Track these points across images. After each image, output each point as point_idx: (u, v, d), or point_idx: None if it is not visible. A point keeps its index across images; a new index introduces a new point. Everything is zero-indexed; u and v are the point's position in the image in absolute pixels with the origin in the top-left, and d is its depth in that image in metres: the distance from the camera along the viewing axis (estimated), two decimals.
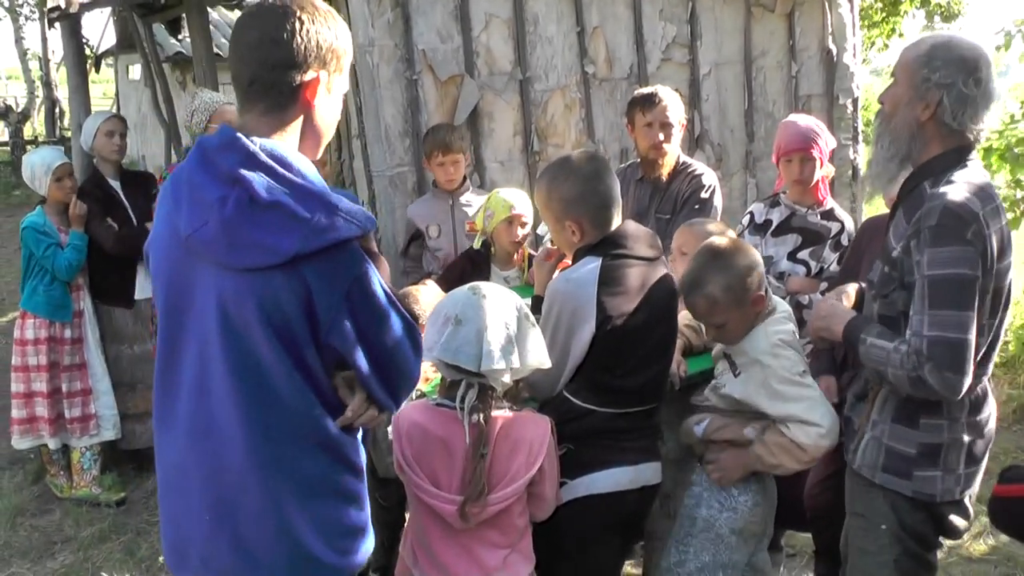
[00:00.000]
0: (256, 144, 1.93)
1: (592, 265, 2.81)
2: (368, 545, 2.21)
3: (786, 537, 4.34)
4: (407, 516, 2.93)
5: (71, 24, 5.90)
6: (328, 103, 2.07)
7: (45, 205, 5.14)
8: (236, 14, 12.35)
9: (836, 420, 2.87)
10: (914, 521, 2.66)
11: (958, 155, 2.57)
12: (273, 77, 1.97)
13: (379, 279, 2.00)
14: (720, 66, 6.30)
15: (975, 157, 2.60)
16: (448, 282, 4.40)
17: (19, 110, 21.18)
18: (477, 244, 4.42)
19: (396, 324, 2.06)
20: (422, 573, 2.65)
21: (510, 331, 2.59)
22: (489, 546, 2.65)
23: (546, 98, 5.84)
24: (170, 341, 2.08)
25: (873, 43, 14.38)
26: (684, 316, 3.56)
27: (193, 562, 2.12)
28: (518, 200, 4.25)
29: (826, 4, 6.52)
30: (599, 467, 2.84)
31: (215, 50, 10.90)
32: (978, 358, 2.51)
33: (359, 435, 2.19)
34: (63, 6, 5.38)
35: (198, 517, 2.09)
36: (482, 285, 2.69)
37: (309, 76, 1.98)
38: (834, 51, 6.63)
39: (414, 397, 2.99)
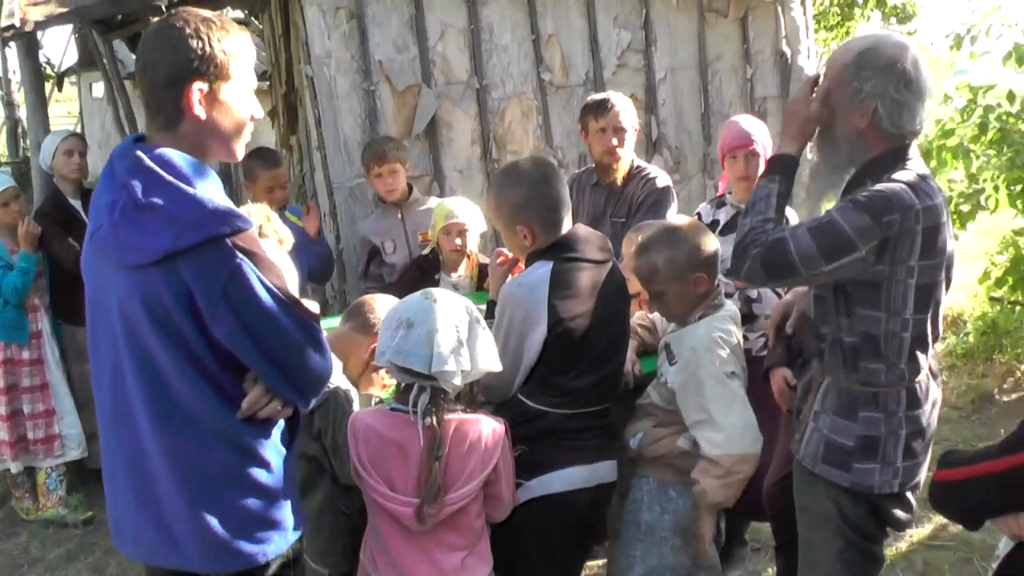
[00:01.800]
0: (147, 152, 2.08)
1: (543, 269, 2.86)
2: (287, 536, 2.29)
3: (751, 531, 4.38)
4: None
5: (27, 43, 5.88)
6: (222, 109, 2.16)
7: None
8: None
9: (751, 428, 2.94)
10: (854, 513, 2.68)
11: (899, 154, 2.61)
12: (157, 97, 2.13)
13: (260, 276, 2.08)
14: (675, 71, 6.38)
15: (915, 155, 2.64)
16: (401, 290, 4.42)
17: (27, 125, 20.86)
18: (427, 251, 4.49)
19: (285, 321, 2.12)
20: None
21: (460, 334, 2.63)
22: (447, 548, 2.67)
23: (503, 106, 5.90)
24: (94, 332, 2.24)
25: (828, 46, 14.54)
26: (639, 316, 3.62)
27: (128, 540, 2.28)
28: (459, 208, 4.33)
29: (779, 8, 6.60)
30: (554, 467, 2.87)
31: None
32: (907, 353, 2.58)
33: (274, 430, 2.25)
34: (17, 25, 5.35)
35: (125, 498, 2.24)
36: (434, 290, 2.72)
37: (187, 88, 2.10)
38: (788, 54, 6.72)
39: (373, 404, 3.03)
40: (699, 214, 4.37)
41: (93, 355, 2.28)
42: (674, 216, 3.55)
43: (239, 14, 10.37)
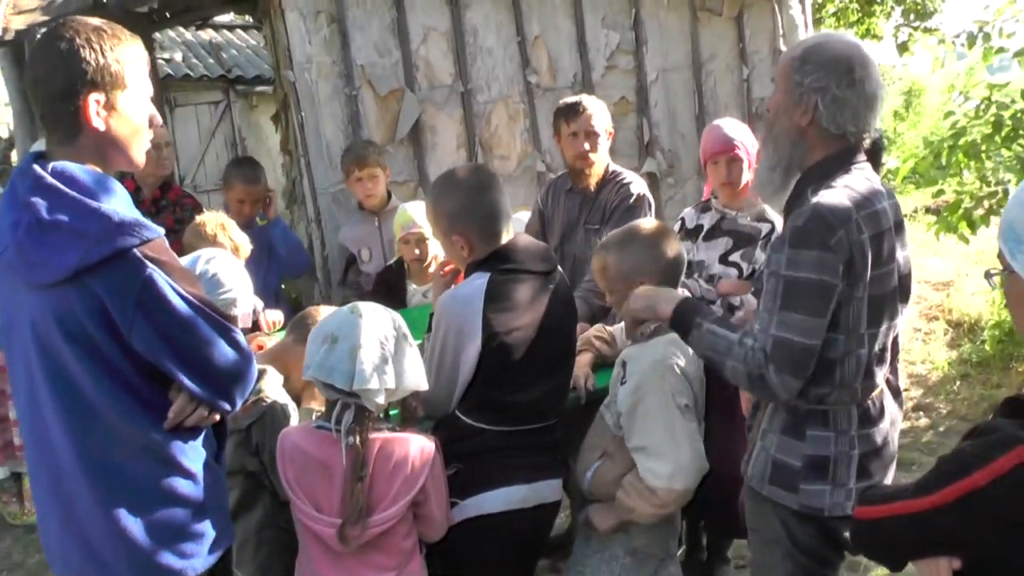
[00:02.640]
0: (48, 168, 2.04)
1: (479, 281, 2.76)
2: (212, 550, 2.25)
3: (734, 548, 4.27)
4: None
5: (13, 51, 5.89)
6: (120, 119, 2.13)
7: None
8: (210, 33, 12.40)
9: (698, 462, 2.84)
10: (804, 536, 2.56)
11: (841, 159, 2.48)
12: (53, 110, 2.09)
13: (172, 284, 2.06)
14: (667, 72, 6.27)
15: (861, 160, 2.52)
16: (375, 301, 4.38)
17: (6, 137, 21.25)
18: (392, 261, 4.41)
19: (202, 325, 2.10)
20: None
21: (386, 351, 2.56)
22: (375, 569, 2.60)
23: (489, 109, 5.83)
24: (9, 353, 2.20)
25: None
26: (596, 328, 3.52)
27: (58, 560, 2.25)
28: (419, 216, 4.15)
29: (776, 5, 6.48)
30: (490, 486, 2.78)
31: (187, 71, 10.98)
32: (863, 369, 2.44)
33: (198, 441, 2.22)
34: (0, 33, 5.35)
35: (50, 519, 2.22)
36: (361, 305, 2.65)
37: (83, 100, 2.06)
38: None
39: (314, 418, 2.96)
40: (683, 219, 4.27)
41: (11, 377, 2.25)
42: (643, 220, 3.44)
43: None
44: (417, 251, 4.21)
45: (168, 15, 7.20)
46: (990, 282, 2.01)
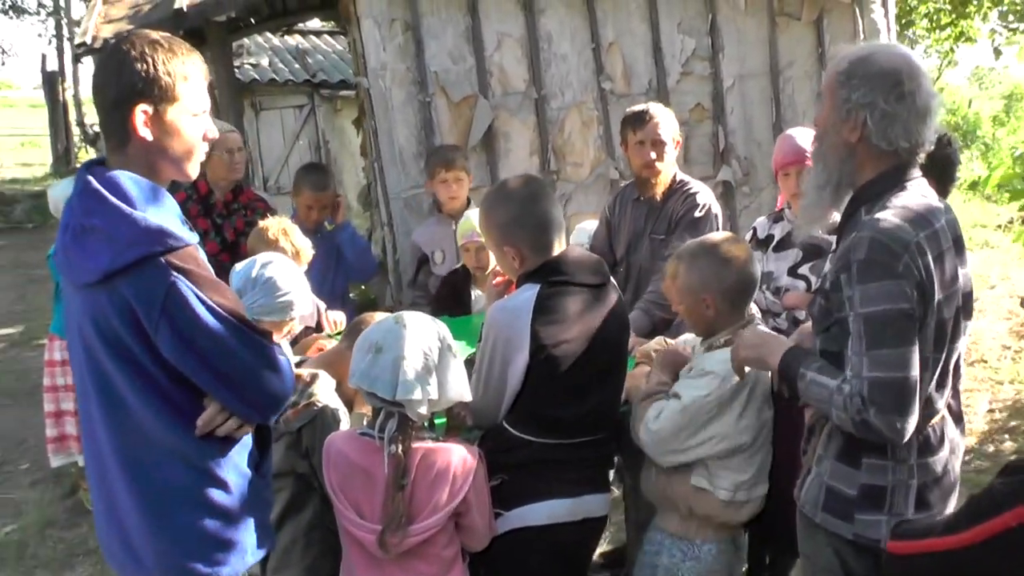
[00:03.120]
0: (96, 175, 2.12)
1: (528, 293, 2.76)
2: (244, 559, 2.29)
3: (797, 568, 4.19)
4: None
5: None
6: (167, 131, 2.17)
7: None
8: (296, 38, 12.65)
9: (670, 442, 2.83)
10: (859, 566, 2.46)
11: (894, 177, 2.39)
12: (107, 118, 2.16)
13: (199, 294, 2.09)
14: (744, 78, 6.18)
15: (916, 176, 2.42)
16: (438, 305, 4.41)
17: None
18: (459, 265, 4.43)
19: (229, 338, 2.13)
20: None
21: (429, 361, 2.57)
22: (416, 574, 2.62)
23: (562, 116, 5.83)
24: (70, 348, 2.30)
25: (940, 47, 13.89)
26: (656, 341, 3.48)
27: (105, 550, 2.35)
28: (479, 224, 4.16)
29: (857, 9, 6.32)
30: (535, 498, 2.77)
31: (272, 75, 11.21)
32: (924, 395, 2.33)
33: (234, 450, 2.26)
34: (88, 42, 5.54)
35: (99, 509, 2.32)
36: (406, 315, 2.67)
37: (131, 110, 2.12)
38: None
39: (364, 423, 3.00)
40: (755, 228, 4.22)
41: (73, 374, 2.36)
42: (721, 234, 3.34)
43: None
44: (476, 259, 4.21)
45: (253, 21, 7.38)
46: None
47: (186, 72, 2.18)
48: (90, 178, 2.12)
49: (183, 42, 2.23)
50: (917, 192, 2.39)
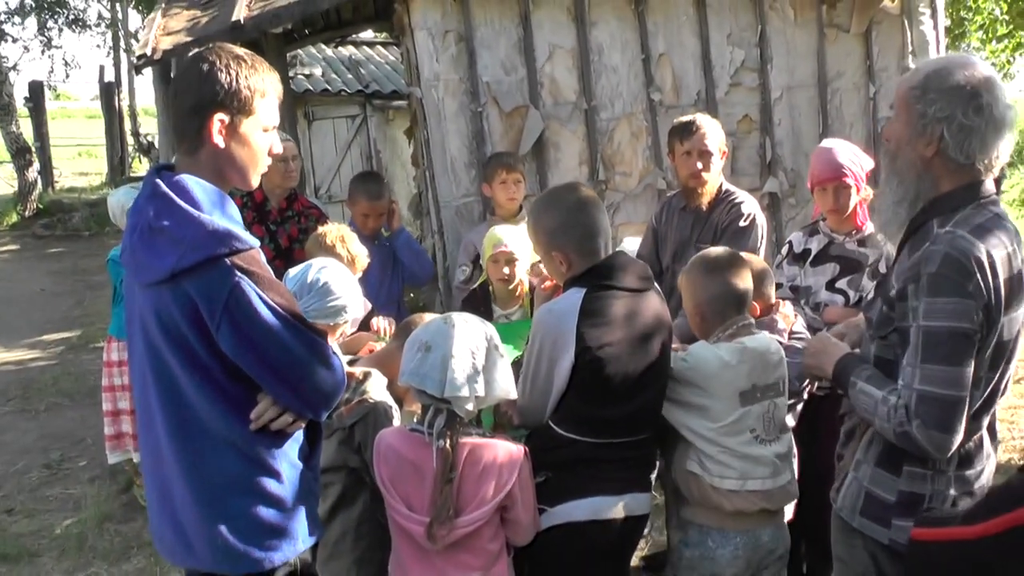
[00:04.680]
0: (165, 179, 2.24)
1: (575, 297, 2.84)
2: (295, 546, 2.39)
3: None
4: None
5: (160, 70, 6.25)
6: (239, 141, 2.31)
7: None
8: (350, 49, 12.83)
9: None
10: (894, 572, 2.49)
11: (970, 191, 2.37)
12: (183, 123, 2.29)
13: (261, 294, 2.20)
14: (792, 89, 6.20)
15: (992, 194, 2.41)
16: None
17: (158, 147, 22.47)
18: (476, 285, 4.44)
19: (287, 336, 2.23)
20: None
21: (476, 360, 2.67)
22: (462, 568, 2.70)
23: (612, 126, 5.89)
24: (131, 344, 2.42)
25: (998, 58, 13.66)
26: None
27: (156, 538, 2.48)
28: (508, 237, 4.18)
29: (906, 21, 6.31)
30: (580, 495, 2.85)
31: (325, 86, 11.38)
32: (972, 412, 2.35)
33: (288, 443, 2.37)
34: (148, 53, 5.70)
35: (152, 500, 2.43)
36: (454, 315, 2.78)
37: (209, 118, 2.25)
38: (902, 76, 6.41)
39: (415, 420, 3.08)
40: (791, 242, 4.25)
41: (130, 367, 2.49)
42: (718, 249, 3.41)
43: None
44: (506, 270, 4.19)
45: (308, 32, 7.54)
46: None
47: (265, 89, 2.32)
48: (159, 182, 2.24)
49: (263, 60, 2.37)
50: (993, 213, 2.37)
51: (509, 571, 2.82)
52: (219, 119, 2.26)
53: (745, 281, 3.11)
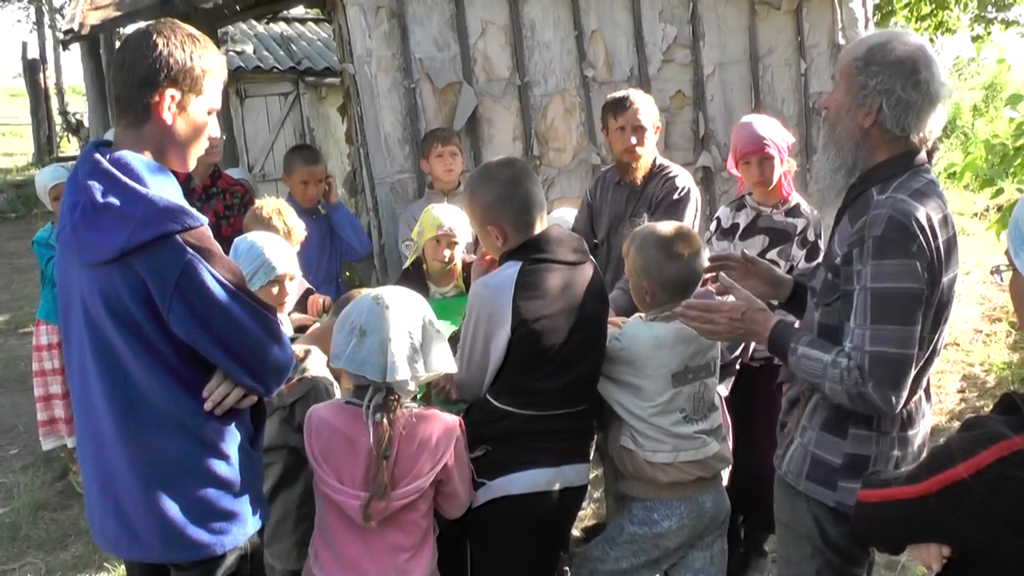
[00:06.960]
0: (105, 155, 2.19)
1: (511, 270, 2.86)
2: (245, 529, 2.38)
3: (770, 542, 4.29)
4: None
5: (89, 45, 6.12)
6: (185, 119, 2.29)
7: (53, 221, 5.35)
8: (281, 26, 12.65)
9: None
10: (837, 534, 2.56)
11: (905, 161, 2.46)
12: (129, 95, 2.24)
13: (212, 271, 2.18)
14: (724, 66, 6.26)
15: (925, 164, 2.49)
16: None
17: (88, 125, 21.95)
18: (408, 263, 4.37)
19: (239, 312, 2.23)
20: (322, 571, 2.73)
21: (414, 340, 2.67)
22: (392, 548, 2.71)
23: (545, 102, 5.89)
24: (66, 328, 2.37)
25: (925, 38, 13.89)
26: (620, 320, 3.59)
27: (97, 530, 2.41)
28: (449, 217, 4.11)
29: None
30: (517, 468, 2.88)
31: (257, 63, 11.21)
32: (914, 373, 2.42)
33: (234, 425, 2.35)
34: (76, 28, 5.58)
35: (92, 489, 2.37)
36: (385, 294, 2.74)
37: (160, 93, 2.22)
38: (845, 46, 6.53)
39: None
40: (719, 218, 4.30)
41: (65, 352, 2.42)
42: (674, 226, 3.39)
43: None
44: (447, 252, 4.13)
45: (238, 8, 7.41)
46: (996, 277, 2.05)
47: (215, 70, 2.31)
48: (99, 157, 2.19)
49: (211, 40, 2.34)
50: (927, 179, 2.45)
51: (434, 553, 2.83)
52: (171, 95, 2.23)
53: (702, 265, 3.11)
